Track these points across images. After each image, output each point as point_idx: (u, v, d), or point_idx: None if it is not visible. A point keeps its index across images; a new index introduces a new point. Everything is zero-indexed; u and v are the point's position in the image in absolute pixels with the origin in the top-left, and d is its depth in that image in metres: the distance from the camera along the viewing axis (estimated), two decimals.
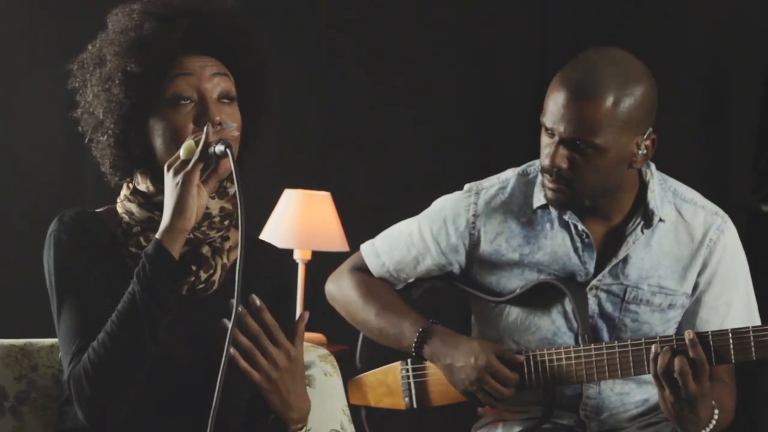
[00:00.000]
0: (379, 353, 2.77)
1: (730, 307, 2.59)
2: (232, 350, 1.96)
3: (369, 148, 4.71)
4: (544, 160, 2.50)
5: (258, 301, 1.99)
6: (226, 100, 2.10)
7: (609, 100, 2.43)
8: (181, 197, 1.99)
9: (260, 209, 4.26)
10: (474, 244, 2.67)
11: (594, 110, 2.43)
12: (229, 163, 1.99)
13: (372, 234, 2.82)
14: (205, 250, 2.11)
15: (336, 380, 2.45)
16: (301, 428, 2.07)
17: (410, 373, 2.73)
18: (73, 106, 2.16)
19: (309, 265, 4.16)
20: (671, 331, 2.60)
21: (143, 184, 2.12)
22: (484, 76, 4.82)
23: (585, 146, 2.45)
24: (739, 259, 2.63)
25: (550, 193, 2.53)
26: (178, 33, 2.09)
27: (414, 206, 2.81)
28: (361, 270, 2.78)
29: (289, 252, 2.05)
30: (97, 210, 2.18)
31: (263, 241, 2.30)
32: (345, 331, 3.03)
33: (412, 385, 2.73)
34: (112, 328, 1.98)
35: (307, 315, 2.04)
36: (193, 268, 2.09)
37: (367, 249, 2.79)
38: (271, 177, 4.27)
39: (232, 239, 2.15)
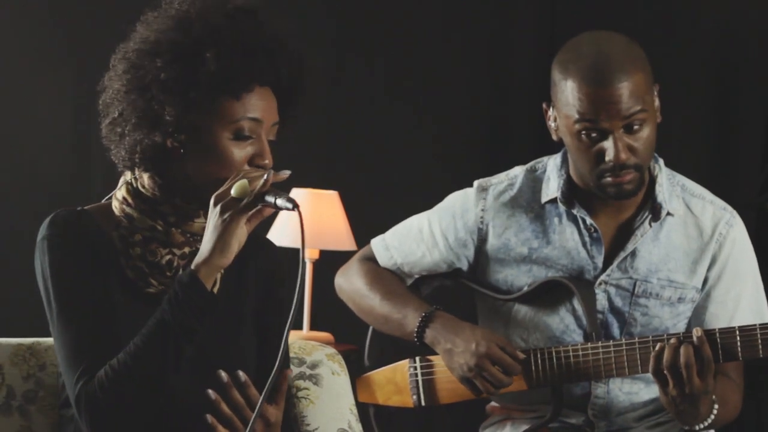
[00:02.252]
0: (388, 351, 2.76)
1: (739, 301, 2.59)
2: (210, 418, 1.97)
3: (376, 147, 4.70)
4: (611, 159, 2.45)
5: (243, 377, 2.00)
6: (270, 140, 2.11)
7: (637, 64, 2.45)
8: (225, 236, 1.97)
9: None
10: (483, 239, 2.67)
11: (636, 79, 2.43)
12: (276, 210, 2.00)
13: (380, 233, 2.82)
14: None
15: (344, 379, 2.45)
16: None
17: (418, 371, 2.73)
18: (92, 98, 2.08)
19: (316, 265, 4.16)
20: (681, 325, 2.60)
21: (149, 190, 2.08)
22: (492, 75, 4.82)
23: (638, 122, 2.45)
24: (748, 254, 2.63)
25: (627, 187, 2.49)
26: (278, 64, 2.08)
27: (422, 205, 2.81)
28: (370, 260, 2.79)
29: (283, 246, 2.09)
30: (88, 207, 2.11)
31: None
32: (353, 331, 3.03)
33: (420, 383, 2.72)
34: (137, 352, 1.97)
35: (289, 373, 2.02)
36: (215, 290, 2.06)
37: (377, 243, 2.79)
38: None
39: None
